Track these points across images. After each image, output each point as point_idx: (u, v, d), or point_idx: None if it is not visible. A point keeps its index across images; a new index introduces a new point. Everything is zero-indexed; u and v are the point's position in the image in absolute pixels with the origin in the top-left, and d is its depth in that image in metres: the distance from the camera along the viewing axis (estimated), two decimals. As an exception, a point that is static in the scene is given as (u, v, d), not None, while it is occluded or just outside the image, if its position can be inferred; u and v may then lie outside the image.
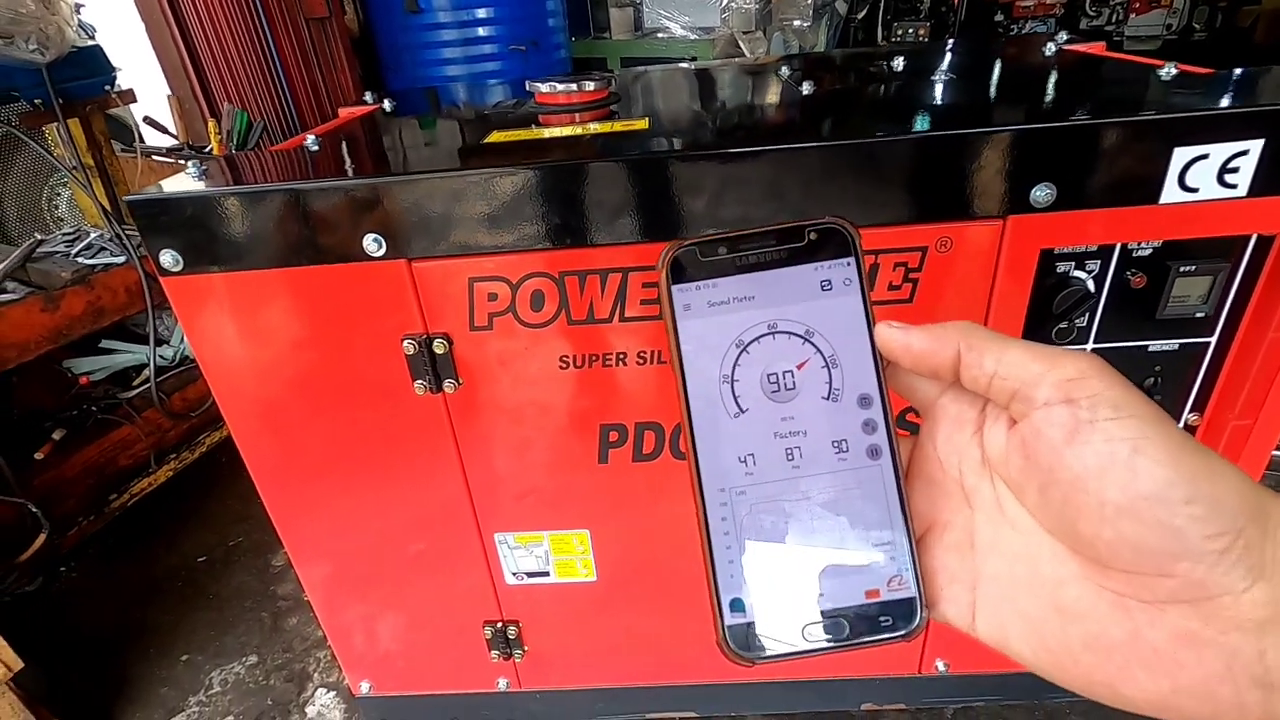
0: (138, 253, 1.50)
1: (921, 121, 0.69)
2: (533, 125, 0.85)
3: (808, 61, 1.25)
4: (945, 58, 1.09)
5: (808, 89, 0.87)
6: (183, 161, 0.69)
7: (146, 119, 1.80)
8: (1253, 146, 0.61)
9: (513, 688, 1.05)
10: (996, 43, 1.25)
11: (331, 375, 0.77)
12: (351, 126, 0.97)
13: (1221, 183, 0.62)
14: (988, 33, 3.43)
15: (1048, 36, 1.06)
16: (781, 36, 2.72)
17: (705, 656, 1.00)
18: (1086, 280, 0.70)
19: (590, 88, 0.88)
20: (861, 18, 3.39)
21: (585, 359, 0.75)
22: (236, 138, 1.68)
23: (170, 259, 0.69)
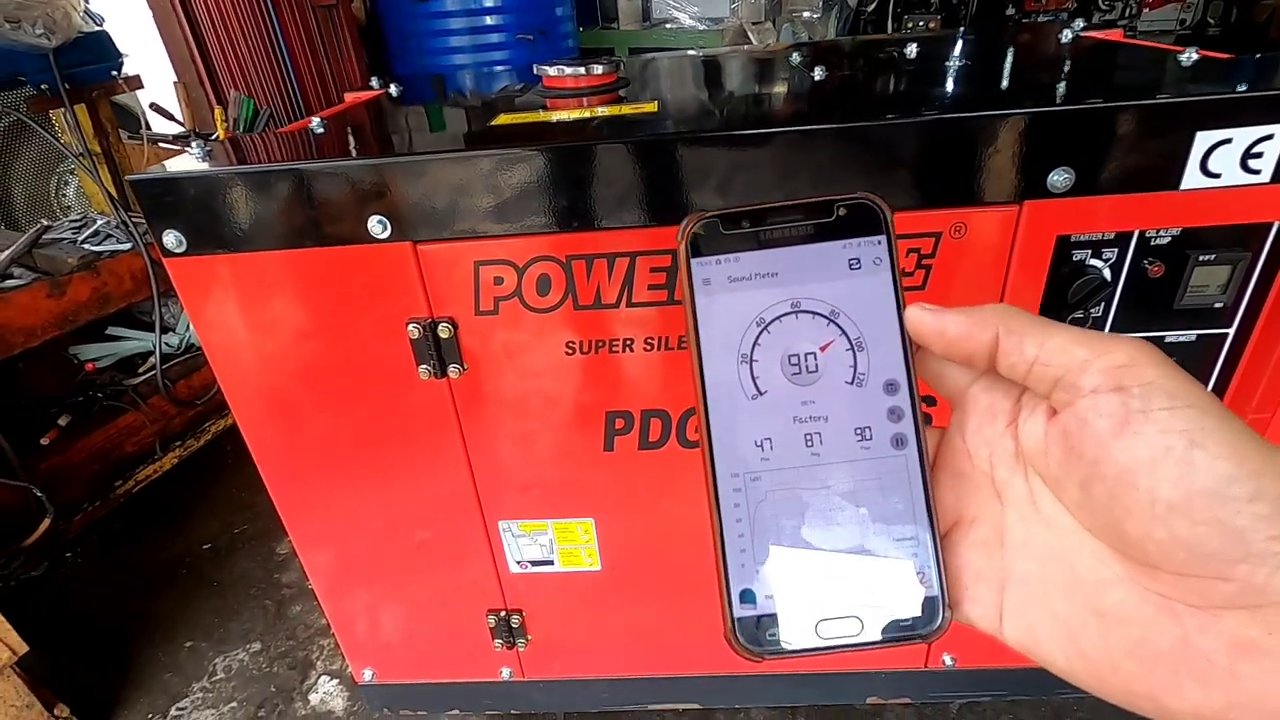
0: (144, 240, 1.50)
1: (936, 105, 0.68)
2: (540, 109, 0.84)
3: (819, 49, 1.23)
4: (959, 44, 1.07)
5: (819, 74, 0.86)
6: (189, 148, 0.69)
7: (153, 106, 1.80)
8: (1278, 131, 0.59)
9: (515, 677, 1.04)
10: (1010, 30, 1.23)
11: (335, 359, 0.76)
12: (357, 110, 0.96)
13: (1245, 168, 0.61)
14: (1000, 24, 3.41)
15: (1063, 24, 1.04)
16: (791, 28, 2.70)
17: (710, 648, 1.00)
18: (1103, 269, 0.68)
19: (598, 71, 0.87)
20: (872, 10, 3.38)
21: (591, 345, 0.74)
22: (243, 125, 1.67)
23: (173, 240, 0.68)
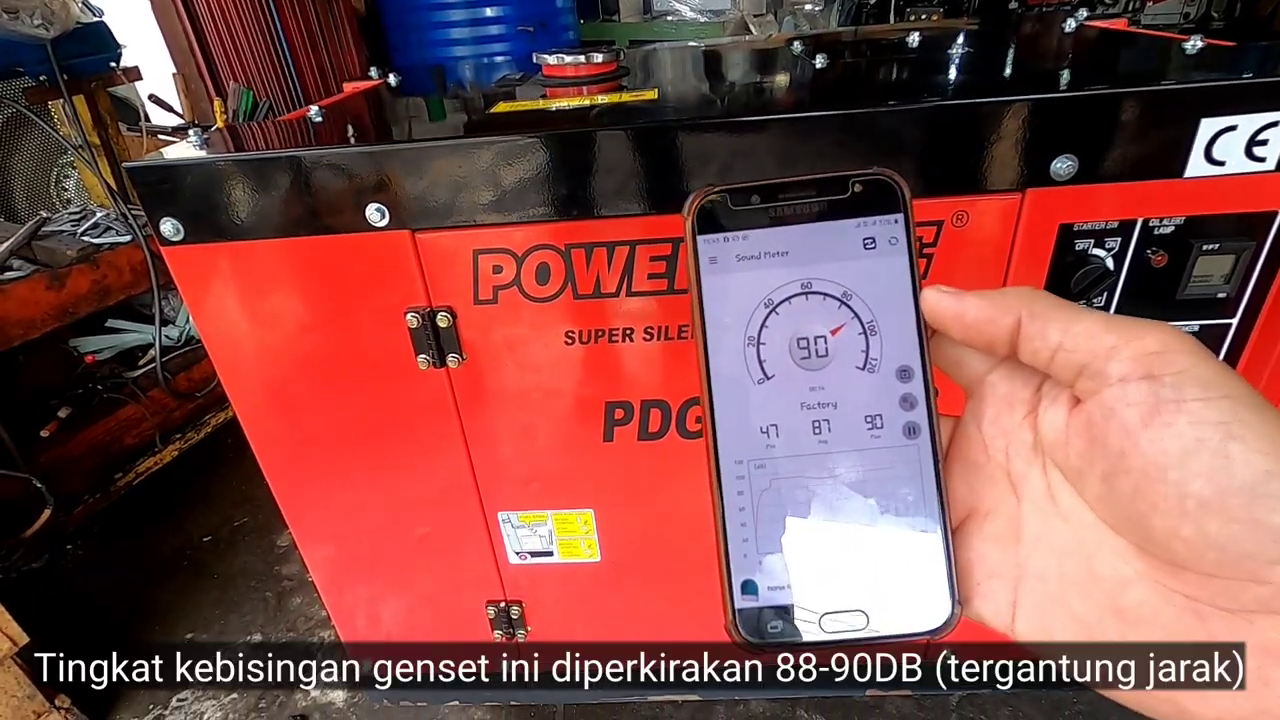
0: (143, 232, 1.50)
1: (937, 92, 0.67)
2: (540, 97, 0.83)
3: (821, 39, 1.22)
4: (962, 34, 1.06)
5: (821, 63, 0.85)
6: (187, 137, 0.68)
7: (152, 97, 1.80)
8: (1283, 117, 0.59)
9: (515, 668, 1.04)
10: (1014, 20, 1.22)
11: (334, 348, 0.76)
12: (356, 99, 0.96)
13: (1250, 155, 0.60)
14: (1004, 15, 3.39)
15: (1067, 13, 1.04)
16: (793, 20, 2.69)
17: (710, 639, 0.99)
18: (1105, 258, 0.68)
19: (599, 59, 0.87)
20: (874, 2, 3.36)
21: (591, 334, 0.74)
22: (242, 117, 1.67)
23: (171, 228, 0.68)
